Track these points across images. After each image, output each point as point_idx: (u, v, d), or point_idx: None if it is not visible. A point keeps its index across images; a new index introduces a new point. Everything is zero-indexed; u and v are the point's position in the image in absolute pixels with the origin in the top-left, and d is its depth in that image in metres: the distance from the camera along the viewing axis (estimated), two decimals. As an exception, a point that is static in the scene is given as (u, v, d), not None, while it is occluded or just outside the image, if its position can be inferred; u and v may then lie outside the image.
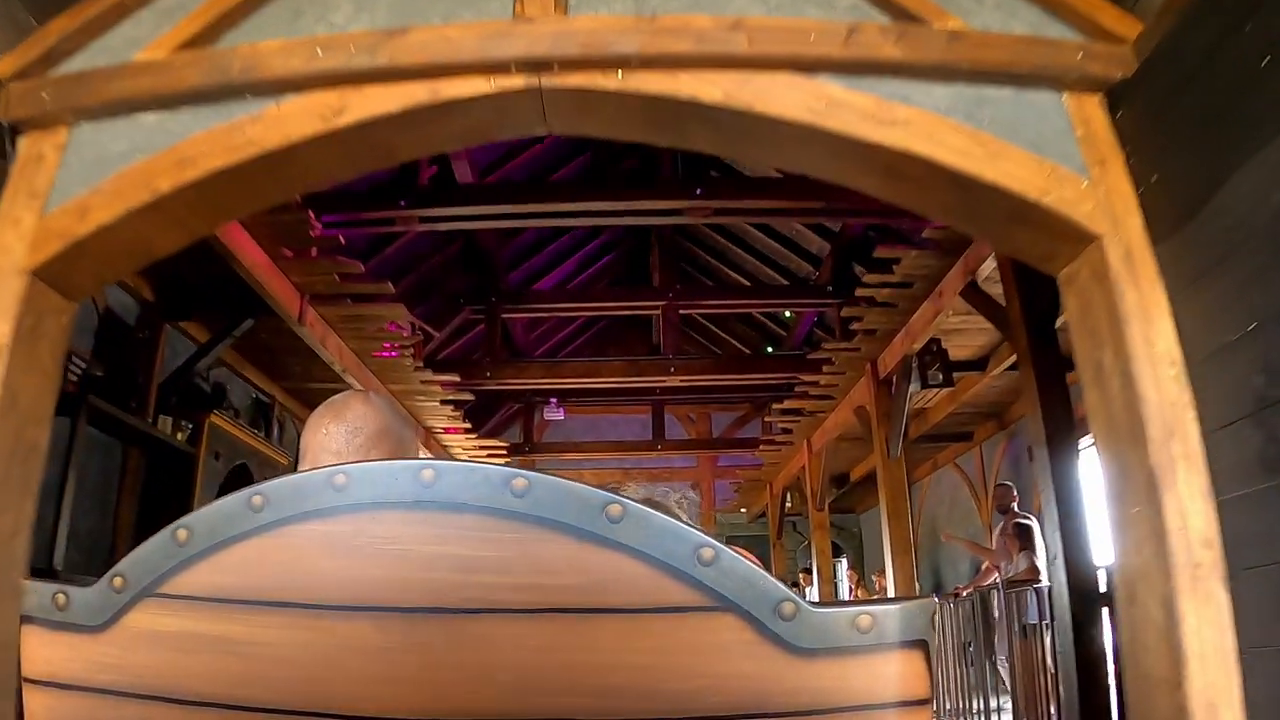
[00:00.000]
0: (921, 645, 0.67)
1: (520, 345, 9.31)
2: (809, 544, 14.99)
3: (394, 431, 1.32)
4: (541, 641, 0.65)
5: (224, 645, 0.68)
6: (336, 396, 1.33)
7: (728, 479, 13.15)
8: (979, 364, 6.49)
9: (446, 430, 7.84)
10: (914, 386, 5.91)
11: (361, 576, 0.66)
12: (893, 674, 0.67)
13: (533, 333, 9.97)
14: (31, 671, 0.74)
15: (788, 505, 10.25)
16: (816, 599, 14.29)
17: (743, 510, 12.80)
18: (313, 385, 6.43)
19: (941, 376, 5.81)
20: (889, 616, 0.67)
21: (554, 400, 10.38)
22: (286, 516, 0.68)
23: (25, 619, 0.74)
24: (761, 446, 9.99)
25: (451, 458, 10.55)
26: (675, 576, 0.65)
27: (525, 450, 10.09)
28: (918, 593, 5.40)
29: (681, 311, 8.08)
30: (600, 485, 0.69)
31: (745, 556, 0.66)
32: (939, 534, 10.36)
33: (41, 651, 0.74)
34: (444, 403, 6.91)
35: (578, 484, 0.66)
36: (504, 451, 9.15)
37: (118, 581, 0.70)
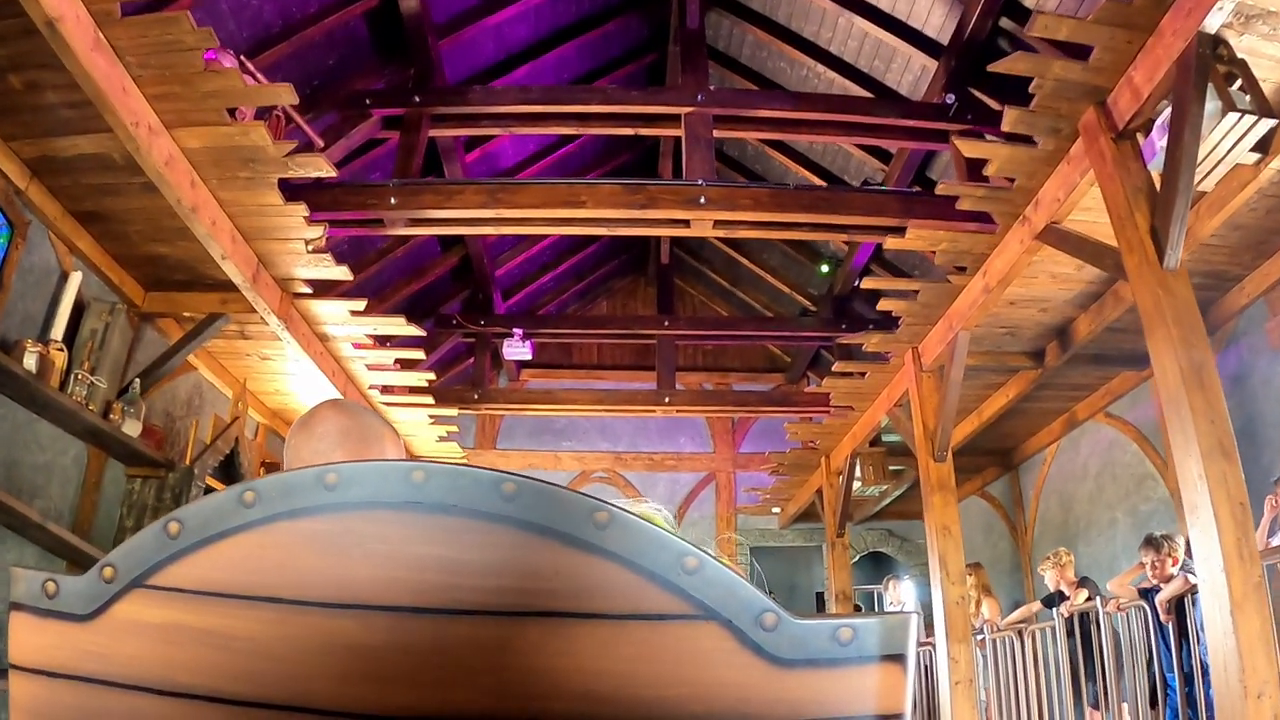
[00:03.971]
0: (900, 659, 0.67)
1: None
2: (860, 558, 11.24)
3: (357, 430, 1.42)
4: (525, 644, 0.65)
5: (211, 638, 0.68)
6: (311, 409, 1.48)
7: (753, 468, 9.46)
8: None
9: (310, 290, 5.44)
10: (1210, 117, 3.36)
11: (349, 575, 0.67)
12: (871, 687, 0.66)
13: (472, 155, 8.06)
14: (19, 659, 0.74)
15: (857, 480, 6.55)
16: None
17: (775, 510, 9.17)
18: (62, 150, 4.11)
19: (1249, 99, 3.35)
20: (870, 630, 0.67)
21: (518, 333, 6.79)
22: (277, 513, 0.68)
23: (14, 606, 0.75)
24: (833, 372, 7.43)
25: (324, 347, 5.68)
26: (659, 584, 0.66)
27: (474, 400, 6.45)
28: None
29: (717, 132, 4.48)
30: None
31: (729, 566, 0.67)
32: (1073, 520, 8.36)
33: (29, 639, 0.74)
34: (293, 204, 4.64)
35: (566, 490, 0.66)
36: (414, 345, 6.74)
37: (108, 572, 0.71)
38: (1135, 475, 7.26)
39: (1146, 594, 5.19)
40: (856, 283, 9.13)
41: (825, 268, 9.30)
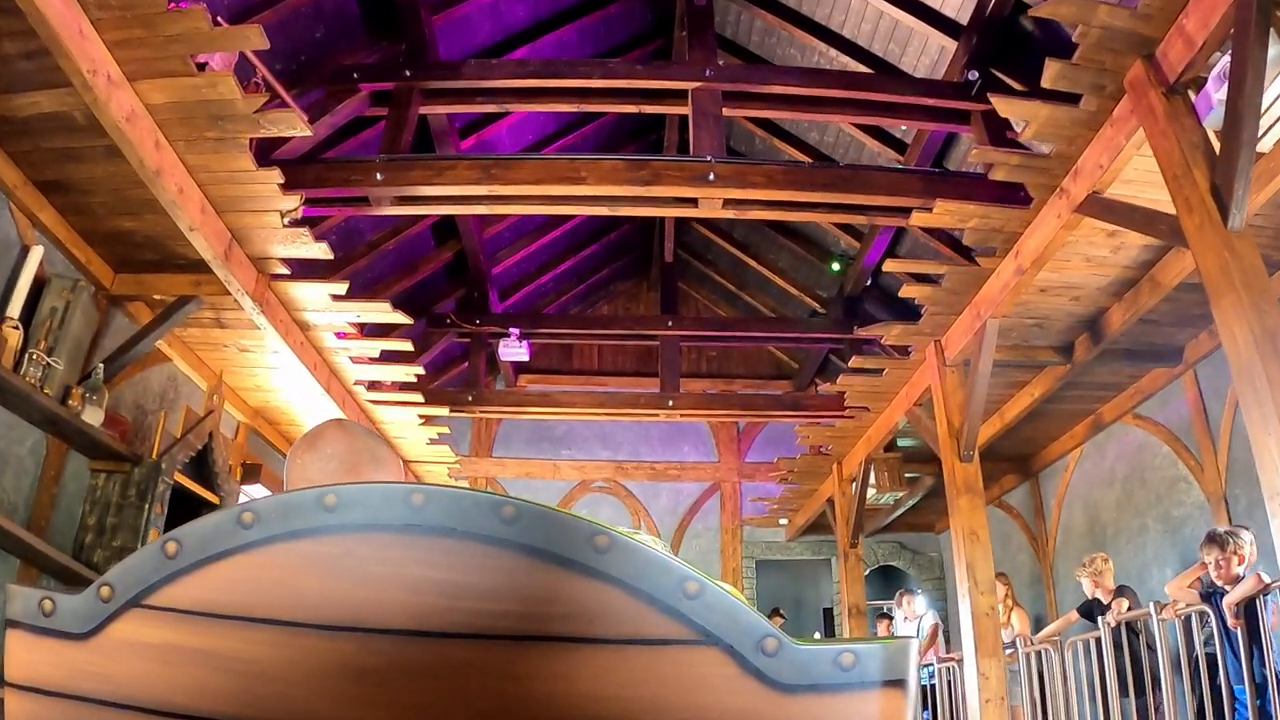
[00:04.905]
0: (901, 685, 0.66)
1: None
2: (869, 572, 10.93)
3: (367, 452, 1.45)
4: (525, 669, 0.64)
5: (208, 659, 0.67)
6: (314, 427, 1.52)
7: (760, 478, 9.15)
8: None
9: (289, 271, 5.07)
10: (1273, 62, 3.16)
11: (348, 597, 0.66)
12: (873, 713, 0.65)
13: (467, 142, 7.76)
14: (14, 676, 0.74)
15: (871, 488, 6.19)
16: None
17: (782, 522, 8.85)
18: (21, 108, 3.81)
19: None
20: (871, 655, 0.66)
21: (515, 332, 6.42)
22: (276, 534, 0.67)
23: (10, 623, 0.74)
24: (849, 369, 7.08)
25: (305, 336, 5.86)
26: (660, 609, 0.65)
27: (468, 402, 6.07)
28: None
29: (726, 110, 4.17)
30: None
31: (731, 592, 0.67)
32: (1099, 529, 7.91)
33: (25, 656, 0.73)
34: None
35: (566, 513, 0.66)
36: (401, 336, 6.66)
37: (105, 591, 0.70)
38: (1167, 479, 7.00)
39: (1210, 597, 4.80)
40: (869, 282, 8.82)
41: (836, 266, 9.00)
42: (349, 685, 0.63)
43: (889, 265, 5.75)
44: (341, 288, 5.37)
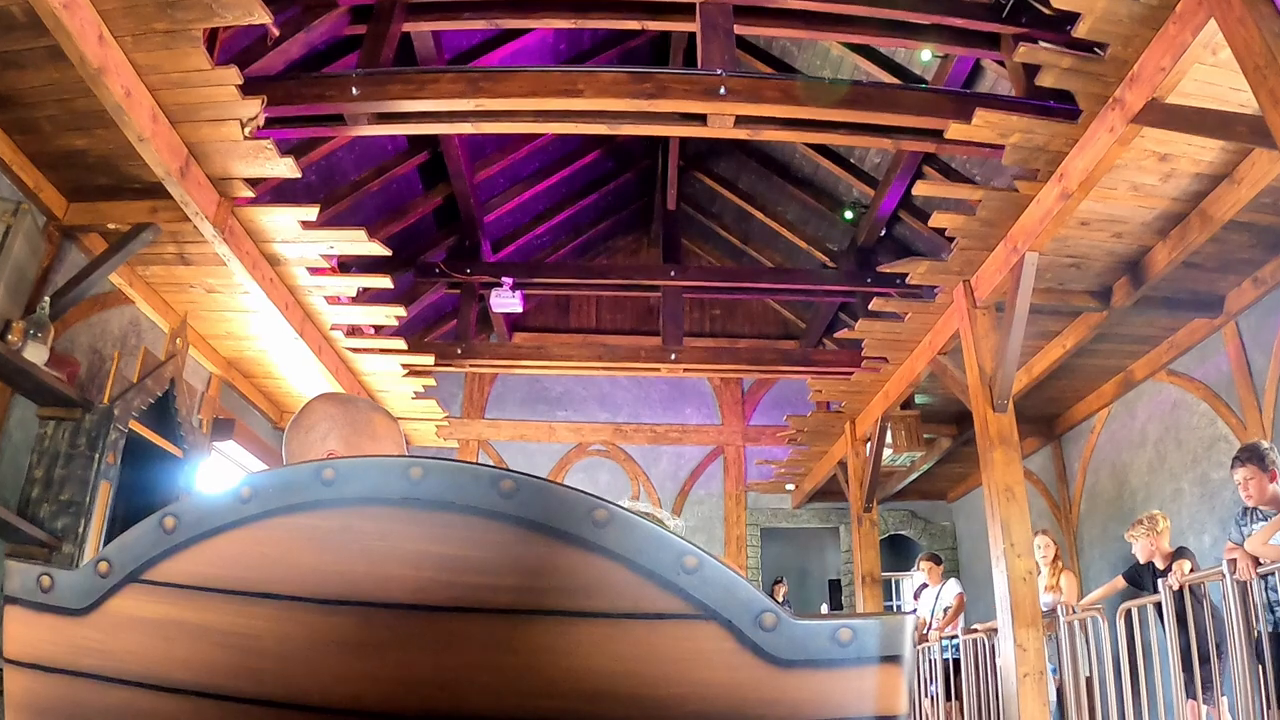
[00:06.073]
0: (897, 660, 0.67)
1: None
2: (880, 541, 10.52)
3: (344, 415, 1.42)
4: (523, 643, 0.65)
5: (207, 634, 0.67)
6: (307, 402, 1.51)
7: (765, 442, 8.79)
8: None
9: (254, 193, 4.63)
10: None
11: (346, 571, 0.66)
12: (870, 688, 0.66)
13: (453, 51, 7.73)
14: (12, 652, 0.74)
15: (887, 448, 5.75)
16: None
17: (789, 488, 8.48)
18: None
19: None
20: (869, 631, 0.67)
21: (508, 282, 5.93)
22: (273, 509, 0.67)
23: (9, 600, 0.75)
24: (870, 312, 6.57)
25: (274, 272, 5.52)
26: (658, 583, 0.65)
27: (458, 355, 5.58)
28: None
29: (738, 28, 3.68)
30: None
31: (729, 566, 0.67)
32: (1128, 494, 7.51)
33: (23, 633, 0.73)
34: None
35: (565, 487, 0.66)
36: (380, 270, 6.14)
37: (103, 566, 0.70)
38: (1204, 439, 6.73)
39: None
40: (883, 233, 8.43)
41: (849, 215, 8.61)
42: (348, 659, 0.64)
43: (919, 189, 5.34)
44: (311, 213, 4.99)
